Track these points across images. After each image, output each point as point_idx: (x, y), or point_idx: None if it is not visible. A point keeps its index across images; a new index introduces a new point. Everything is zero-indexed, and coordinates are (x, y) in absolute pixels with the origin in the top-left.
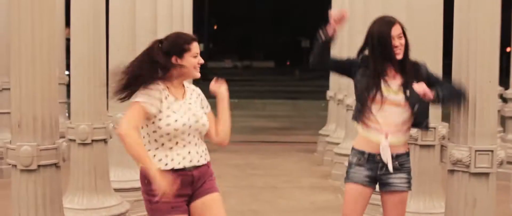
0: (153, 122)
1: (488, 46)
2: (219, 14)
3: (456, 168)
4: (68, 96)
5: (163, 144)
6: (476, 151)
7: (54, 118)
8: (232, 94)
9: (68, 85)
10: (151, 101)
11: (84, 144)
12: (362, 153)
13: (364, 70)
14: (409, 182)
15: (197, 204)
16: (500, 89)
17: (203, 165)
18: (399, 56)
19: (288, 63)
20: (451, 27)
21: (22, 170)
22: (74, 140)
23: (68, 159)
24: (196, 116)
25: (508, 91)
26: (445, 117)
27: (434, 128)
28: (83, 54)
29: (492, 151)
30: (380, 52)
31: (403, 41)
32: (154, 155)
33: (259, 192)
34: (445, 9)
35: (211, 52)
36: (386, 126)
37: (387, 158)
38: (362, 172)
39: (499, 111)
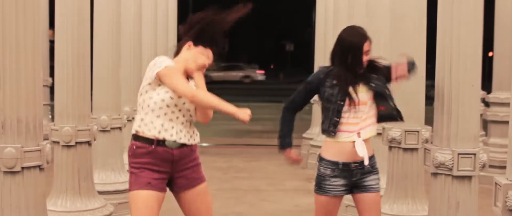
0: (154, 89)
1: (471, 50)
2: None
3: (439, 171)
4: (52, 98)
5: (153, 110)
6: (459, 154)
7: (38, 119)
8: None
9: (51, 88)
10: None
11: (68, 146)
12: (335, 163)
13: (331, 80)
14: (379, 183)
15: (188, 194)
16: (482, 93)
17: (185, 146)
18: (361, 71)
19: (272, 66)
20: (435, 31)
21: (5, 172)
22: (58, 142)
23: (51, 161)
24: None
25: (490, 95)
26: (428, 121)
27: (417, 131)
28: (67, 56)
29: (474, 154)
30: (351, 63)
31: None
32: (142, 119)
33: (243, 195)
34: (428, 14)
35: None
36: (360, 124)
37: (363, 153)
38: (338, 183)
39: (481, 115)
